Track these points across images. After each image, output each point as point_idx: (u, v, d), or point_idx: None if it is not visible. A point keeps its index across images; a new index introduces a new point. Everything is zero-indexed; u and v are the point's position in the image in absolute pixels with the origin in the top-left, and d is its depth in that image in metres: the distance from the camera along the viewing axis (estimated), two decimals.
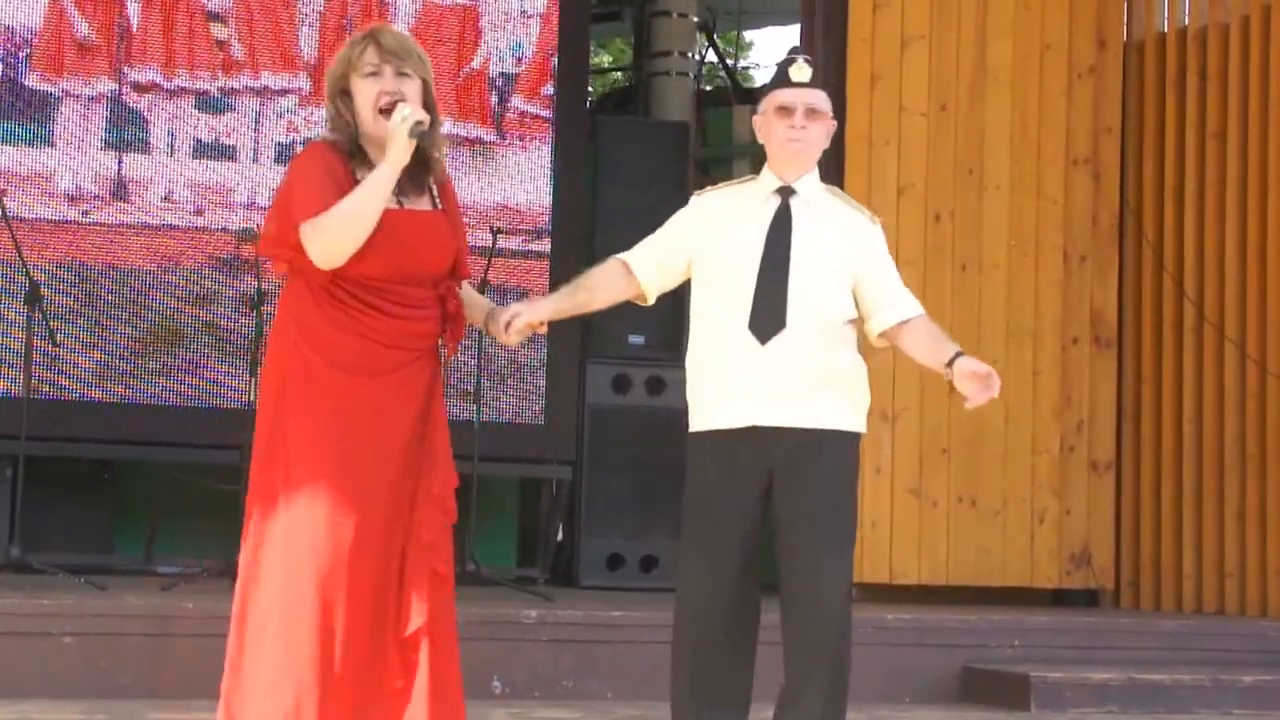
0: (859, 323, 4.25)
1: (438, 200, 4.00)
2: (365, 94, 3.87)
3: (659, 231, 4.31)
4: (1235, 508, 7.38)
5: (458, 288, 4.03)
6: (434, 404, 3.98)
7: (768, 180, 4.22)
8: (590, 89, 10.12)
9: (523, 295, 7.86)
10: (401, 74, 3.88)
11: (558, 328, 7.94)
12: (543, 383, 7.94)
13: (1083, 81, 7.87)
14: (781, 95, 4.20)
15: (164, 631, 5.44)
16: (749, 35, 14.98)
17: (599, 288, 4.27)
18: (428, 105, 3.90)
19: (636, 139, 8.65)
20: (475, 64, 8.07)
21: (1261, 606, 7.21)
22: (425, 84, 3.92)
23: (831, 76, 7.63)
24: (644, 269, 4.25)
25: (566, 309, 4.27)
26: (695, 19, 9.85)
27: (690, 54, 9.81)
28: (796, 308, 4.08)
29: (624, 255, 4.29)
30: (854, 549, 4.17)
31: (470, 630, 4.65)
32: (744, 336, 4.08)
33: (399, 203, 3.88)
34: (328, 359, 3.83)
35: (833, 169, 7.50)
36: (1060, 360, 7.75)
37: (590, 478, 8.08)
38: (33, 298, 6.50)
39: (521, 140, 8.06)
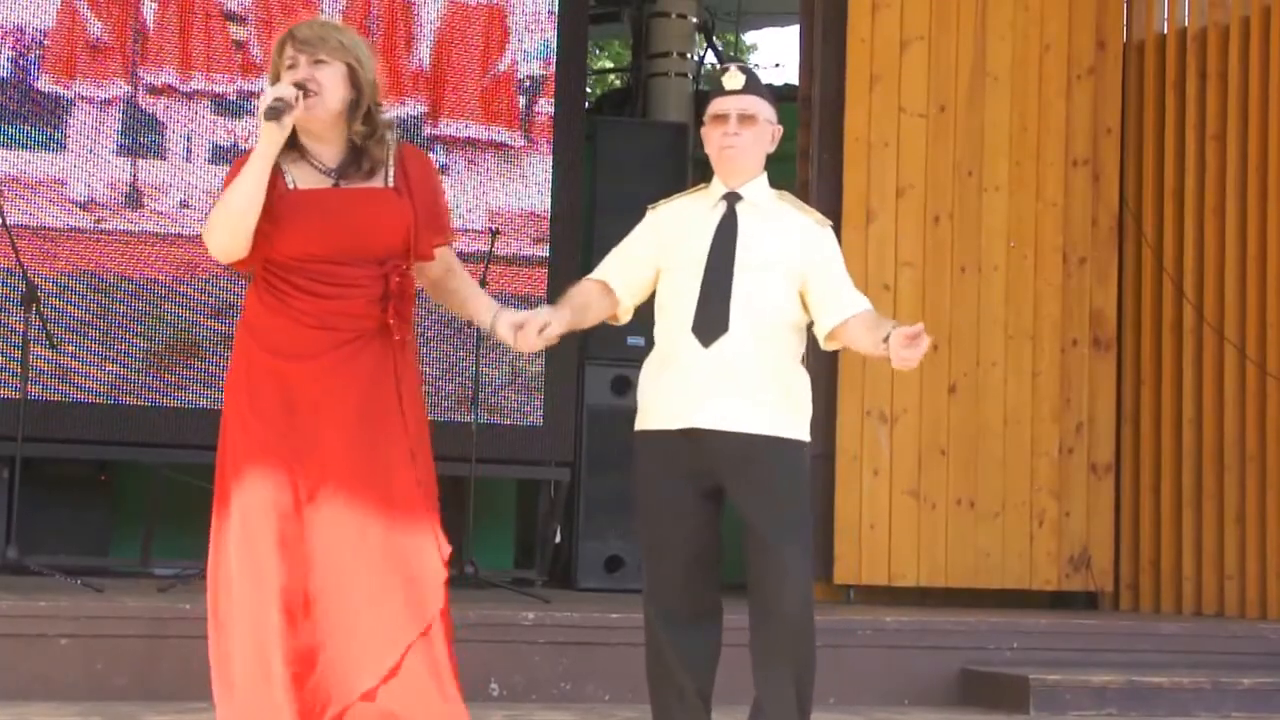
0: (806, 330, 4.28)
1: (391, 178, 3.98)
2: None
3: (619, 248, 4.36)
4: (1235, 510, 7.37)
5: (407, 266, 3.99)
6: (392, 387, 3.94)
7: (716, 188, 4.29)
8: (589, 90, 10.10)
9: (524, 299, 7.85)
10: (317, 61, 3.89)
11: None
12: (541, 384, 7.92)
13: (1082, 82, 7.86)
14: (715, 104, 4.26)
15: (161, 633, 5.43)
16: (748, 36, 14.95)
17: (590, 306, 4.32)
18: (357, 87, 3.92)
19: (635, 140, 8.64)
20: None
21: (1261, 608, 7.20)
22: (351, 67, 3.92)
23: (830, 78, 7.64)
24: (618, 285, 4.31)
25: (573, 323, 4.32)
26: (694, 20, 9.84)
27: (689, 55, 9.80)
28: (740, 311, 4.12)
29: (595, 275, 4.35)
30: (811, 555, 4.19)
31: (468, 632, 4.64)
32: (688, 340, 4.14)
33: (335, 183, 3.91)
34: (264, 346, 3.87)
35: (832, 170, 7.52)
36: (1059, 362, 7.73)
37: (588, 480, 8.07)
38: (29, 299, 6.48)
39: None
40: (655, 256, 4.27)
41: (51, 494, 7.44)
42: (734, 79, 4.23)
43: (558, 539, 8.22)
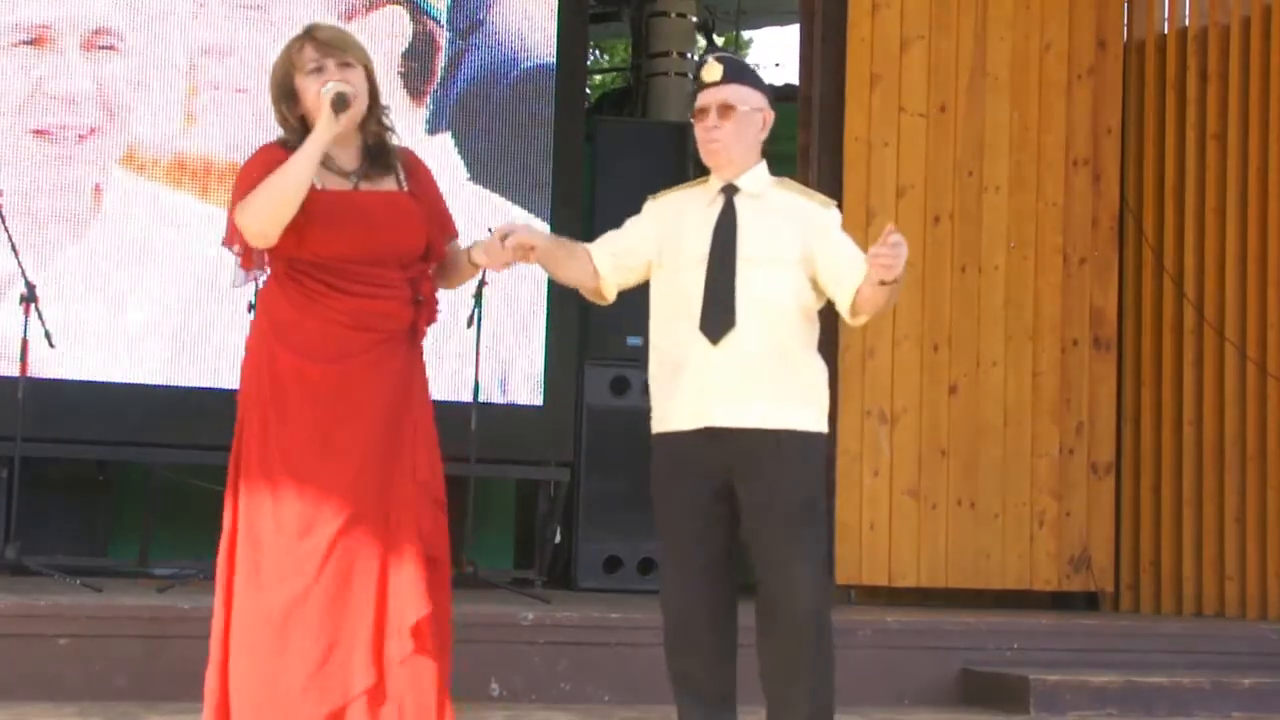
0: (817, 317, 4.23)
1: (404, 183, 4.00)
2: (311, 91, 3.89)
3: (616, 232, 4.33)
4: (1235, 510, 7.36)
5: (430, 271, 4.02)
6: (414, 390, 3.96)
7: (713, 181, 4.23)
8: (588, 89, 10.09)
9: (523, 299, 7.86)
10: (344, 64, 3.91)
11: (557, 329, 7.93)
12: (541, 384, 7.91)
13: (1082, 82, 7.85)
14: (697, 99, 4.20)
15: (159, 633, 5.42)
16: (747, 35, 14.98)
17: (573, 261, 4.27)
18: (372, 91, 3.95)
19: (634, 140, 8.63)
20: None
21: (1261, 609, 7.20)
22: (368, 70, 3.95)
23: (830, 77, 7.63)
24: (601, 261, 4.27)
25: (550, 256, 4.25)
26: (694, 19, 9.84)
27: (689, 54, 9.79)
28: (746, 305, 4.07)
29: (589, 245, 4.32)
30: (825, 552, 4.12)
31: (467, 632, 4.63)
32: (696, 337, 4.08)
33: (355, 185, 3.91)
34: (292, 347, 3.83)
35: (832, 170, 7.51)
36: (1060, 362, 7.73)
37: (588, 480, 8.06)
38: (28, 298, 6.47)
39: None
40: (649, 249, 4.23)
41: (50, 494, 7.43)
42: (711, 71, 4.16)
43: (557, 539, 8.21)
